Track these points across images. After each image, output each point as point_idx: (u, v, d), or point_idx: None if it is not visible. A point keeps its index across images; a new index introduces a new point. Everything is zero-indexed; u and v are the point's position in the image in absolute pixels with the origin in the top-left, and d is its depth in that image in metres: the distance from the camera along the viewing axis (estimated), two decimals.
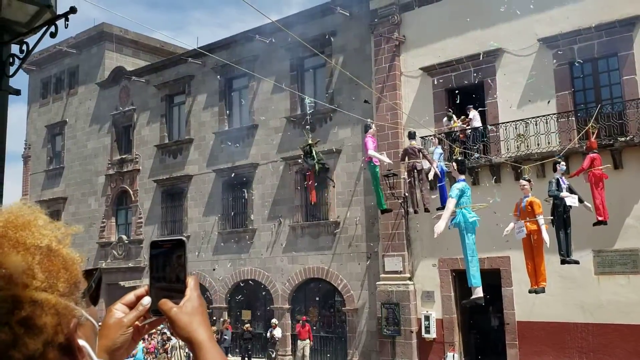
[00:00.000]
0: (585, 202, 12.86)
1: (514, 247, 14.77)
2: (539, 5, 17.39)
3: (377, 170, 14.56)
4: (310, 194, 18.67)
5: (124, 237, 27.72)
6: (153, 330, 21.55)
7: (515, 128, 17.46)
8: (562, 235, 12.46)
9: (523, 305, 16.93)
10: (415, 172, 14.55)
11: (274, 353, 21.67)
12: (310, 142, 19.89)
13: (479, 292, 11.52)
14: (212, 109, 25.32)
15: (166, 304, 1.19)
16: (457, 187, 11.22)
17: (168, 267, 1.21)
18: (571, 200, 12.32)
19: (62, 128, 31.68)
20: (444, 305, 18.55)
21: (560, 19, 17.25)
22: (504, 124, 17.74)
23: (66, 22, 3.55)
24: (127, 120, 28.55)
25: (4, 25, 3.61)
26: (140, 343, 20.51)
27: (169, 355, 20.69)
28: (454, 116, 18.74)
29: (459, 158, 13.76)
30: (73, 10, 3.56)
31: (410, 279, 19.29)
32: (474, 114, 18.34)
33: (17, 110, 37.07)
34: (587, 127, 14.84)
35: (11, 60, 3.63)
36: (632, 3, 16.23)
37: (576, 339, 16.35)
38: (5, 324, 0.88)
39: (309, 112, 20.77)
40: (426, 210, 14.89)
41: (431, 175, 14.73)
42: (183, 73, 26.37)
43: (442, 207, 13.21)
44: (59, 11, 3.70)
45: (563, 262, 12.70)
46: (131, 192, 27.78)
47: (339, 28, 21.71)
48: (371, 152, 13.93)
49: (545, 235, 11.55)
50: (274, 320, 21.69)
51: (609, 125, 16.04)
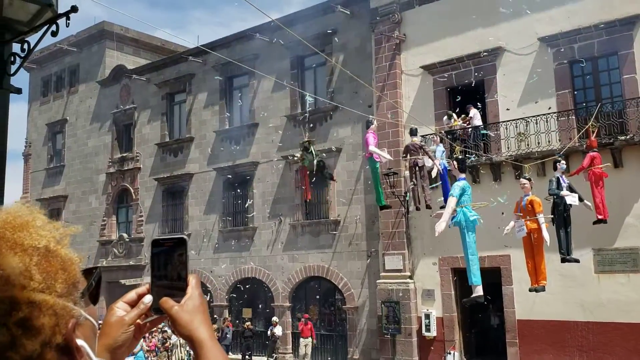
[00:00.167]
0: (585, 201, 12.87)
1: (515, 245, 14.77)
2: (540, 5, 17.39)
3: (378, 166, 14.55)
4: (305, 191, 18.60)
5: (125, 235, 27.74)
6: (154, 329, 21.57)
7: (516, 127, 17.46)
8: (562, 234, 12.46)
9: (523, 303, 16.94)
10: (416, 168, 14.54)
11: (275, 353, 21.70)
12: (306, 139, 19.87)
13: (479, 291, 11.54)
14: (212, 108, 25.32)
15: (167, 302, 1.19)
16: (458, 185, 11.24)
17: (169, 266, 1.21)
18: (571, 198, 12.32)
19: (63, 126, 31.69)
20: (445, 303, 18.56)
21: (560, 18, 17.24)
22: (504, 123, 17.74)
23: (67, 21, 3.56)
24: (128, 118, 28.55)
25: (5, 24, 3.62)
26: (141, 341, 20.53)
27: (170, 354, 20.72)
28: (454, 115, 18.74)
29: (460, 157, 13.76)
30: (74, 9, 3.57)
31: (411, 277, 19.30)
32: (474, 112, 18.33)
33: (17, 109, 37.10)
34: (587, 126, 14.84)
35: (12, 59, 3.65)
36: (632, 2, 16.21)
37: (576, 338, 16.36)
38: (2, 325, 0.89)
39: (308, 108, 20.75)
40: (427, 207, 14.89)
41: (434, 173, 14.72)
42: (184, 71, 26.36)
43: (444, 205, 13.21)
44: (60, 10, 3.71)
45: (563, 260, 12.70)
46: (132, 191, 27.80)
47: (340, 26, 21.70)
48: (372, 148, 13.92)
49: (546, 234, 11.56)
50: (275, 319, 21.71)
51: (609, 124, 16.03)
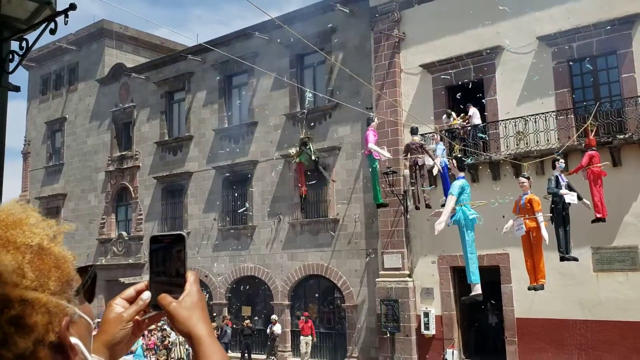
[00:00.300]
0: (584, 200, 12.88)
1: (513, 244, 14.78)
2: (539, 3, 17.39)
3: (377, 164, 14.53)
4: (300, 187, 18.56)
5: (124, 233, 27.73)
6: (153, 327, 21.56)
7: (515, 125, 17.46)
8: (561, 233, 12.47)
9: (522, 302, 16.95)
10: (416, 167, 14.53)
11: (275, 351, 21.70)
12: (302, 136, 19.83)
13: (478, 289, 11.55)
14: (211, 106, 25.30)
15: (165, 298, 1.19)
16: (457, 184, 11.25)
17: (168, 262, 1.21)
18: (570, 197, 12.33)
19: (62, 124, 31.67)
20: (444, 302, 18.57)
21: (559, 17, 17.24)
22: (503, 122, 17.74)
23: (66, 19, 3.56)
24: (127, 117, 28.53)
25: (4, 22, 3.61)
26: (140, 340, 20.52)
27: (169, 352, 20.72)
28: (454, 113, 18.74)
29: (459, 155, 13.76)
30: (72, 7, 3.56)
31: (410, 275, 19.31)
32: (473, 111, 18.33)
33: (16, 107, 37.04)
34: (586, 125, 14.84)
35: (11, 57, 3.64)
36: (631, 1, 16.21)
37: (575, 336, 16.37)
38: None
39: (307, 105, 20.72)
40: (427, 206, 14.89)
41: (435, 171, 14.70)
42: (183, 70, 26.34)
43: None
44: (59, 8, 3.72)
45: (562, 259, 12.71)
46: (131, 189, 27.79)
47: (339, 25, 21.69)
48: (371, 145, 13.89)
49: (545, 233, 11.57)
50: (274, 317, 21.72)
51: (608, 123, 16.04)
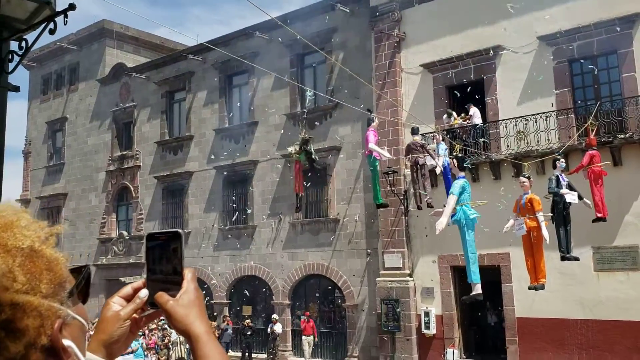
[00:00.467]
0: (584, 199, 12.87)
1: (514, 243, 14.77)
2: (539, 3, 17.38)
3: (377, 164, 14.52)
4: (297, 185, 18.48)
5: (125, 233, 27.75)
6: (153, 326, 21.56)
7: (515, 125, 17.45)
8: (562, 232, 12.46)
9: (523, 301, 16.94)
10: (417, 167, 14.50)
11: (275, 351, 21.70)
12: (302, 136, 19.74)
13: (478, 289, 11.55)
14: (212, 106, 25.31)
15: (162, 296, 1.18)
16: (458, 184, 11.25)
17: (164, 260, 1.20)
18: (571, 197, 12.32)
19: (63, 124, 31.68)
20: (444, 301, 18.57)
21: (560, 17, 17.22)
22: (503, 121, 17.73)
23: (65, 19, 3.56)
24: (128, 116, 28.54)
25: (3, 22, 3.61)
26: (141, 339, 20.53)
27: (170, 351, 20.73)
28: (454, 113, 18.74)
29: (459, 155, 13.75)
30: (72, 7, 3.57)
31: (410, 275, 19.30)
32: (474, 110, 18.33)
33: (17, 106, 37.10)
34: (586, 125, 14.83)
35: (10, 57, 3.64)
36: (632, 1, 16.19)
37: (576, 335, 16.37)
38: None
39: (307, 104, 20.69)
40: (429, 206, 14.87)
41: (438, 171, 14.65)
42: (183, 70, 26.34)
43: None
44: (58, 8, 3.72)
45: (563, 258, 12.70)
46: (132, 189, 27.80)
47: (339, 25, 21.69)
48: (372, 145, 13.87)
49: (545, 232, 11.56)
50: (275, 316, 21.72)
51: (608, 123, 16.02)
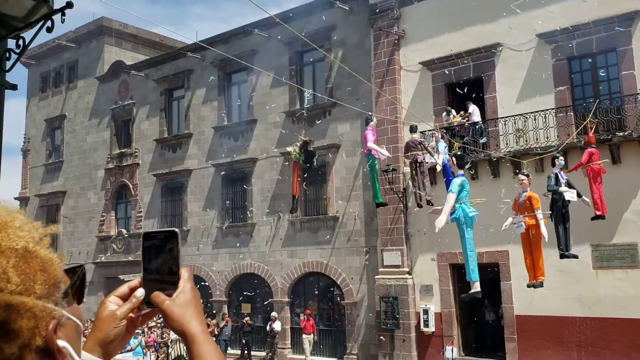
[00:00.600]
0: (583, 197, 12.88)
1: (513, 241, 14.78)
2: (538, 1, 17.36)
3: (376, 163, 14.52)
4: (293, 186, 18.48)
5: (124, 231, 27.74)
6: (152, 324, 21.57)
7: (514, 123, 17.45)
8: (561, 230, 12.46)
9: (522, 299, 16.96)
10: (416, 165, 14.50)
11: (274, 348, 21.71)
12: (303, 137, 19.65)
13: (477, 287, 11.56)
14: (211, 104, 25.28)
15: (159, 296, 1.17)
16: (457, 182, 11.25)
17: (161, 259, 1.20)
18: (570, 194, 12.33)
19: (62, 122, 31.65)
20: (443, 299, 18.58)
21: (559, 15, 17.21)
22: (503, 119, 17.73)
23: (62, 17, 3.55)
24: (127, 114, 28.52)
25: (0, 20, 3.60)
26: (140, 337, 20.53)
27: (169, 349, 20.72)
28: (453, 111, 18.73)
29: (458, 153, 13.75)
30: (69, 5, 3.56)
31: (409, 273, 19.31)
32: (473, 108, 18.32)
33: (16, 104, 37.07)
34: (585, 122, 14.82)
35: (7, 55, 3.63)
36: None
37: (574, 333, 16.39)
38: None
39: (306, 105, 20.64)
40: (429, 203, 14.87)
41: (439, 168, 14.64)
42: (182, 67, 26.31)
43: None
44: (56, 6, 3.70)
45: (562, 256, 12.71)
46: (131, 186, 27.79)
47: (338, 22, 21.66)
48: (370, 144, 13.87)
49: (544, 230, 11.57)
50: (274, 314, 21.73)
51: (607, 120, 16.02)
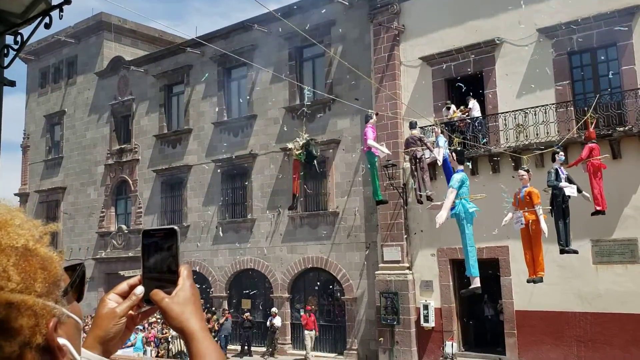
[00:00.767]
0: (583, 192, 12.87)
1: (513, 237, 14.78)
2: None
3: (376, 160, 14.51)
4: (294, 185, 18.48)
5: (124, 226, 27.74)
6: (153, 320, 21.59)
7: (515, 118, 17.43)
8: (561, 225, 12.46)
9: (521, 294, 16.98)
10: (415, 160, 14.49)
11: (275, 344, 21.73)
12: (303, 134, 19.58)
13: (476, 282, 11.57)
14: (210, 99, 25.25)
15: (158, 294, 1.17)
16: (457, 177, 11.25)
17: (160, 257, 1.20)
18: (570, 190, 12.32)
19: (61, 118, 31.62)
20: (443, 294, 18.60)
21: (559, 9, 17.17)
22: (503, 114, 17.71)
23: (60, 13, 3.53)
24: (126, 110, 28.49)
25: None
26: (140, 333, 20.57)
27: (170, 345, 20.77)
28: (453, 106, 18.71)
29: (458, 148, 13.73)
30: (67, 1, 3.54)
31: (409, 268, 19.33)
32: (473, 103, 18.31)
33: (15, 100, 37.02)
34: (585, 117, 14.80)
35: (6, 51, 3.62)
36: None
37: (574, 328, 16.41)
38: None
39: (306, 102, 20.62)
40: (429, 199, 14.86)
41: (440, 161, 14.60)
42: (182, 63, 26.27)
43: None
44: (54, 2, 3.68)
45: (562, 251, 12.71)
46: (130, 182, 27.78)
47: (338, 17, 21.60)
48: (370, 142, 13.86)
49: (544, 225, 11.57)
50: (274, 309, 21.76)
51: (608, 115, 16.02)
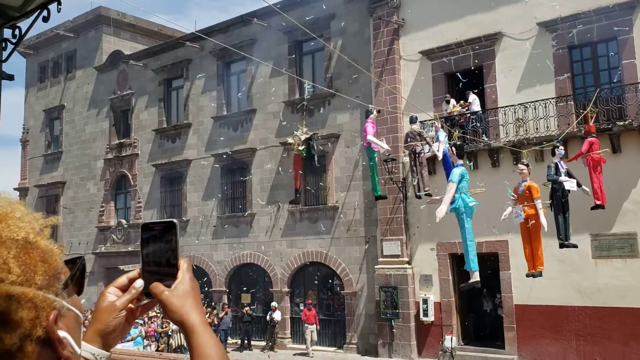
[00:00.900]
0: (583, 187, 12.88)
1: (512, 231, 14.79)
2: None
3: (375, 156, 14.50)
4: (297, 180, 18.46)
5: (123, 221, 27.75)
6: (153, 314, 21.61)
7: (514, 112, 17.41)
8: (560, 220, 12.47)
9: (521, 288, 17.00)
10: (414, 155, 14.48)
11: (274, 339, 21.77)
12: (305, 132, 19.52)
13: (476, 276, 11.59)
14: (210, 93, 25.21)
15: (157, 287, 1.17)
16: (457, 172, 11.25)
17: (160, 250, 1.20)
18: (570, 184, 12.33)
19: (60, 112, 31.58)
20: (442, 288, 18.62)
21: (559, 3, 17.11)
22: (502, 108, 17.69)
23: (59, 6, 3.52)
24: (125, 104, 28.45)
25: None
26: (140, 327, 20.58)
27: (170, 339, 20.77)
28: (453, 100, 18.69)
29: (458, 143, 13.72)
30: None
31: (409, 262, 19.35)
32: (473, 98, 18.28)
33: (14, 94, 36.94)
34: (585, 111, 14.79)
35: (4, 45, 3.60)
36: None
37: (573, 322, 16.44)
38: None
39: (307, 97, 20.58)
40: (427, 195, 14.86)
41: (440, 156, 14.60)
42: (181, 57, 26.22)
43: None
44: None
45: (562, 246, 12.73)
46: (130, 177, 27.77)
47: (338, 11, 21.54)
48: (370, 137, 13.84)
49: (543, 220, 11.58)
50: (274, 304, 21.79)
51: (608, 110, 16.00)
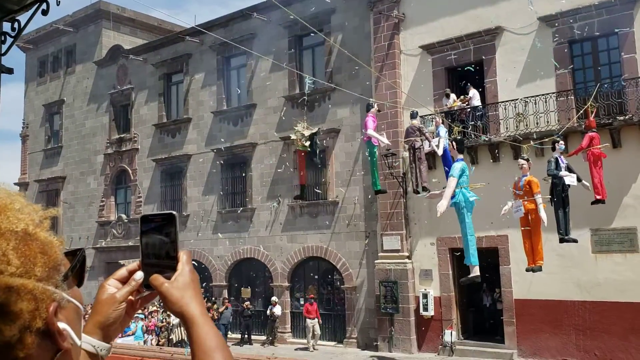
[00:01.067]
0: (583, 181, 12.89)
1: (512, 226, 14.81)
2: None
3: (375, 150, 14.50)
4: (301, 177, 18.50)
5: (124, 216, 27.76)
6: (153, 308, 21.65)
7: (515, 107, 17.40)
8: (560, 214, 12.50)
9: (521, 283, 17.02)
10: (413, 150, 14.48)
11: (275, 333, 21.80)
12: (308, 129, 19.48)
13: (476, 271, 11.61)
14: (210, 88, 25.18)
15: (157, 279, 1.17)
16: (457, 166, 11.27)
17: (159, 242, 1.19)
18: (570, 179, 12.34)
19: (60, 107, 31.55)
20: (442, 283, 18.65)
21: None
22: (503, 103, 17.67)
23: (58, 0, 3.50)
24: (125, 99, 28.42)
25: None
26: (140, 321, 20.62)
27: (170, 334, 20.82)
28: (453, 95, 18.67)
29: (458, 137, 13.73)
30: None
31: (409, 257, 19.37)
32: (473, 92, 18.26)
33: (14, 89, 36.88)
34: (586, 106, 14.79)
35: (3, 39, 3.58)
36: None
37: (573, 317, 16.47)
38: None
39: (307, 91, 20.55)
40: (425, 190, 14.88)
41: (440, 152, 14.61)
42: (181, 51, 26.17)
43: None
44: None
45: (562, 240, 12.76)
46: (130, 171, 27.76)
47: (338, 5, 21.49)
48: (370, 131, 13.85)
49: (543, 214, 11.60)
50: (274, 298, 21.81)
51: (608, 104, 15.98)
